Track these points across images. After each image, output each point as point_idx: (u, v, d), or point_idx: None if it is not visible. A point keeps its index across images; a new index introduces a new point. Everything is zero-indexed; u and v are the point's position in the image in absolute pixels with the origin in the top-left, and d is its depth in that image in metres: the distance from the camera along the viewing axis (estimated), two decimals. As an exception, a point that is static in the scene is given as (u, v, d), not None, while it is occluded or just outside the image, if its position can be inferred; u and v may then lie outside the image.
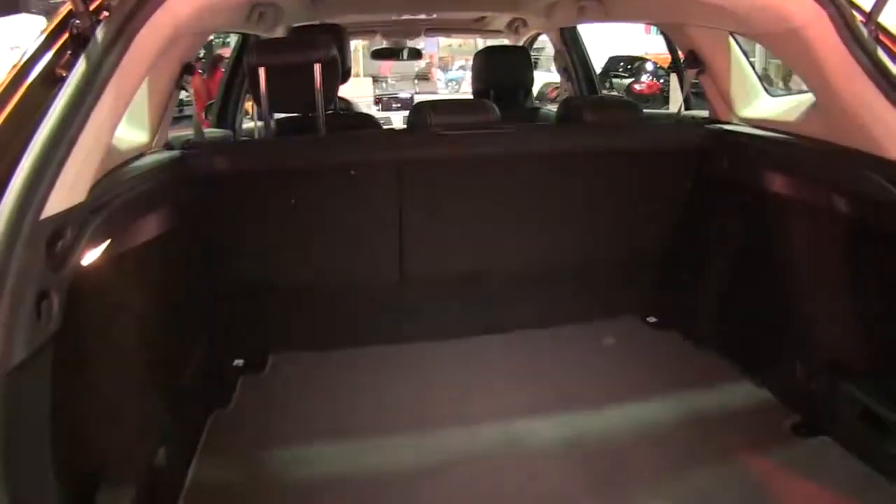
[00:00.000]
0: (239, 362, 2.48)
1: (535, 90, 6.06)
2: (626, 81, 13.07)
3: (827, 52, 1.65)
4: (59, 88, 1.13)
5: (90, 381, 1.44)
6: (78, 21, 1.18)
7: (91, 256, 1.27)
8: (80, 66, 1.15)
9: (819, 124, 1.93)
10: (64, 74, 1.15)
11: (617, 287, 2.79)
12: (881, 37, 1.64)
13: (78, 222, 1.17)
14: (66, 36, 1.19)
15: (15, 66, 1.18)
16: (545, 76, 10.00)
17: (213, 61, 8.31)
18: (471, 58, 4.14)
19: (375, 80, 14.48)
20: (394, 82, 16.19)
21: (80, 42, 1.18)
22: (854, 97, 1.66)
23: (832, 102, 1.79)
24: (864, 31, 1.61)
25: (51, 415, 1.12)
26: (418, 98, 8.38)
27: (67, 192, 1.11)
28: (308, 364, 2.50)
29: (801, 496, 1.76)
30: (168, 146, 2.12)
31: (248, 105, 3.70)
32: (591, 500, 1.76)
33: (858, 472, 1.82)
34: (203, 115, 3.70)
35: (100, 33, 1.17)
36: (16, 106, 1.13)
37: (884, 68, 1.58)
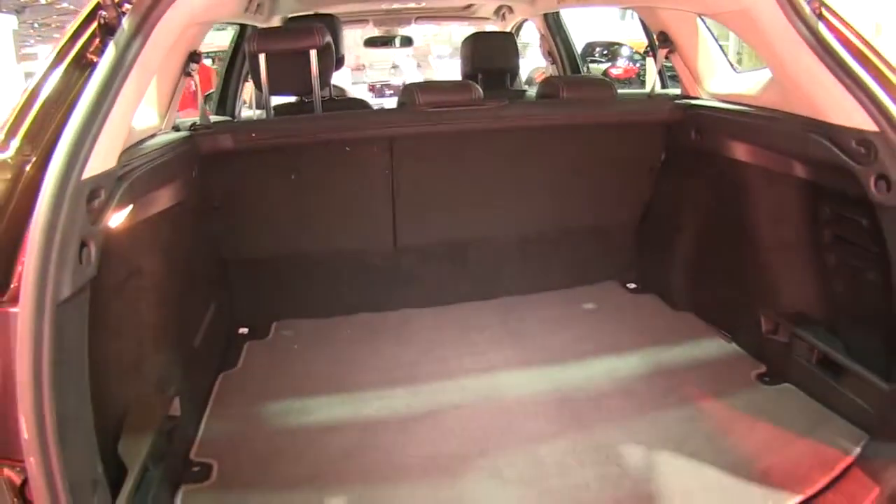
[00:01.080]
0: (244, 330, 2.62)
1: (524, 75, 6.16)
2: (603, 66, 12.93)
3: (775, 29, 1.77)
4: (92, 70, 1.29)
5: (113, 332, 1.58)
6: (104, 12, 1.34)
7: (117, 219, 1.43)
8: (110, 52, 1.30)
9: (775, 96, 2.07)
10: (95, 59, 1.31)
11: (598, 254, 2.93)
12: (824, 12, 1.74)
13: (110, 185, 1.34)
14: (94, 25, 1.35)
15: (53, 50, 1.35)
16: (524, 63, 10.11)
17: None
18: (446, 46, 4.27)
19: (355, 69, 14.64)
20: (371, 72, 16.29)
21: (107, 31, 1.33)
22: (800, 69, 1.78)
23: (783, 75, 1.92)
24: (807, 9, 1.72)
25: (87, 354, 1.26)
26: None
27: (102, 158, 1.27)
28: (309, 330, 2.64)
29: (761, 434, 1.89)
30: (176, 129, 2.25)
31: (247, 97, 3.85)
32: (564, 441, 1.90)
33: (815, 412, 1.96)
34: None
35: (125, 23, 1.33)
36: (58, 83, 1.30)
37: (824, 42, 1.69)
